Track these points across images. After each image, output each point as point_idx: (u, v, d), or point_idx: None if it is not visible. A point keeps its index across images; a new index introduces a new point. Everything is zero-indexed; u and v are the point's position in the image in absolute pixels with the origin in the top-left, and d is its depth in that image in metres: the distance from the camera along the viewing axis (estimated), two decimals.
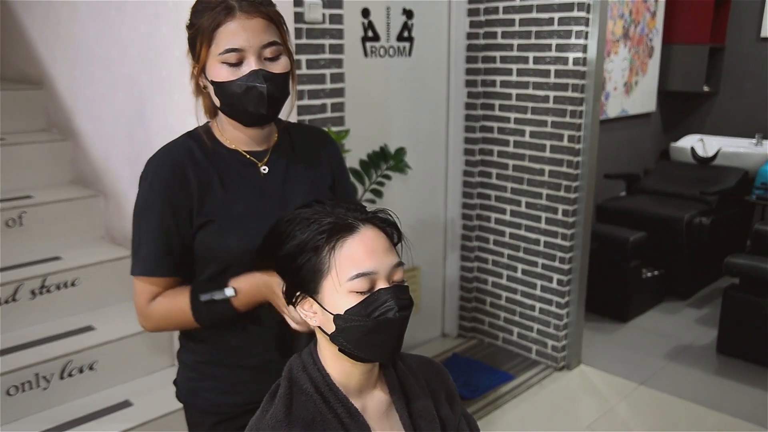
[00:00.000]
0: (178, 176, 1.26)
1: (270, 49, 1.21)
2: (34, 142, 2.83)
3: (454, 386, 1.16)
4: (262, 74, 1.20)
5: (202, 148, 1.31)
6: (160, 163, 1.28)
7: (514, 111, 3.24)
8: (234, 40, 1.18)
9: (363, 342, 0.97)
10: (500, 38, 3.23)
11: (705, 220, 4.10)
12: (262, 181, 1.32)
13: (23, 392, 2.11)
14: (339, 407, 1.00)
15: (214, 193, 1.28)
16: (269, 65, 1.22)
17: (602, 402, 3.04)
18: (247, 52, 1.19)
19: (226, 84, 1.21)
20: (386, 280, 0.98)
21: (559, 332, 3.27)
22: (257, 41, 1.20)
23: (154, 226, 1.26)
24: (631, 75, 4.44)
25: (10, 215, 2.49)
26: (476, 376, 3.18)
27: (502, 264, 3.44)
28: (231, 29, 1.18)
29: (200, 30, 1.20)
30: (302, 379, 1.02)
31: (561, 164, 3.10)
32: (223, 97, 1.24)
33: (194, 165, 1.28)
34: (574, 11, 2.94)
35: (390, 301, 0.96)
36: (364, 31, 2.93)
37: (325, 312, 0.98)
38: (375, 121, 3.06)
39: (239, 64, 1.20)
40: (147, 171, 1.29)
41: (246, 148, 1.33)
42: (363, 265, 0.97)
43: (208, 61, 1.22)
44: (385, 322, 0.96)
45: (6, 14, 3.19)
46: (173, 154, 1.29)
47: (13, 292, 2.28)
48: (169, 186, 1.25)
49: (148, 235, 1.27)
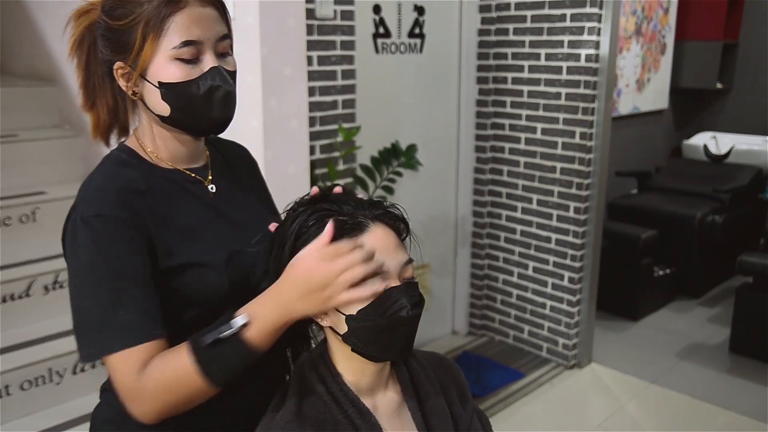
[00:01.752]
0: (130, 214, 1.00)
1: (223, 43, 1.05)
2: (46, 138, 2.84)
3: (466, 383, 1.15)
4: (225, 71, 1.03)
5: (139, 174, 1.06)
6: (101, 204, 0.99)
7: (525, 108, 3.23)
8: (191, 31, 1.00)
9: (376, 341, 0.96)
10: (512, 35, 3.21)
11: (718, 218, 4.07)
12: (215, 202, 1.12)
13: (36, 387, 2.13)
14: (350, 407, 0.99)
15: (172, 228, 1.04)
16: (224, 62, 1.05)
17: (613, 400, 3.03)
18: (204, 46, 1.02)
19: (181, 85, 1.01)
20: (397, 278, 0.97)
21: (570, 330, 3.25)
22: (213, 33, 1.02)
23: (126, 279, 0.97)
24: (643, 72, 4.41)
25: (23, 211, 2.50)
26: (486, 373, 3.17)
27: (513, 261, 3.43)
28: (185, 18, 0.99)
29: (141, 20, 0.99)
30: (312, 379, 1.01)
31: (573, 161, 3.09)
32: (176, 101, 1.02)
33: (138, 197, 1.02)
34: (586, 7, 2.92)
35: (402, 299, 0.95)
36: (376, 27, 2.93)
37: (336, 312, 0.96)
38: (386, 117, 3.05)
39: (195, 60, 1.01)
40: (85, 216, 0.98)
41: (185, 165, 1.11)
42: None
43: (153, 58, 1.00)
44: (398, 321, 0.95)
45: (19, 11, 3.20)
46: (111, 192, 1.01)
47: (26, 288, 2.30)
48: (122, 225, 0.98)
49: (120, 293, 0.96)
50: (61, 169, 2.83)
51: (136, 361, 0.95)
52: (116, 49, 1.03)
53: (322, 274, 0.91)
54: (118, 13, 1.01)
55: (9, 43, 3.42)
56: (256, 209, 1.19)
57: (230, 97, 1.04)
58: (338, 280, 0.91)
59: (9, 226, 2.48)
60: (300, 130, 2.11)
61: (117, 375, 0.96)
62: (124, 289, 0.96)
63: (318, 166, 2.52)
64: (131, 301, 0.96)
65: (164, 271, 1.02)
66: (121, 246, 0.98)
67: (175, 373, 0.94)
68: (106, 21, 1.02)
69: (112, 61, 1.04)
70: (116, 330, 0.95)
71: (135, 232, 0.99)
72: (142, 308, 0.97)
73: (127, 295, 0.96)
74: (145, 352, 0.95)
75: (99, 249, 0.97)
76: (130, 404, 0.96)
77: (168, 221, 1.04)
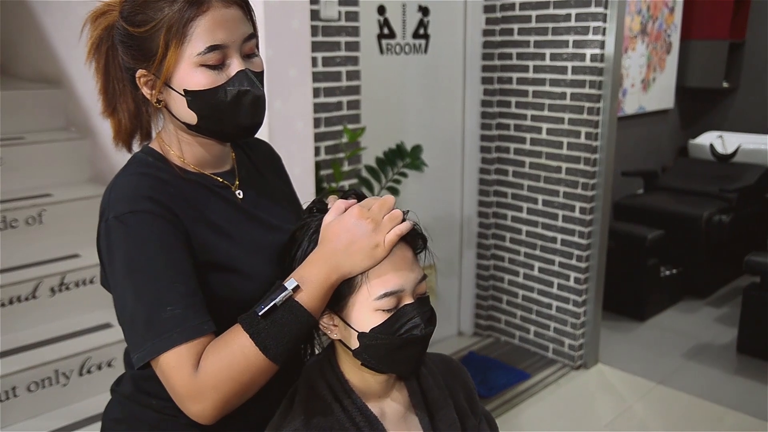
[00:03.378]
0: (161, 208, 0.96)
1: (249, 44, 0.99)
2: (53, 140, 2.85)
3: (474, 385, 1.14)
4: (252, 74, 0.99)
5: (168, 177, 1.03)
6: (132, 202, 0.96)
7: (530, 108, 3.22)
8: (215, 35, 0.94)
9: (387, 358, 0.95)
10: (517, 35, 3.21)
11: (724, 217, 4.05)
12: (244, 208, 1.09)
13: (43, 388, 2.13)
14: (357, 415, 0.98)
15: (206, 224, 1.02)
16: (250, 63, 1.00)
17: (620, 401, 3.01)
18: (230, 49, 0.97)
19: (208, 92, 0.96)
20: (411, 295, 0.96)
21: (576, 331, 3.24)
22: (238, 35, 0.97)
23: (168, 274, 0.93)
24: (648, 71, 4.40)
25: (29, 213, 2.51)
26: (492, 374, 3.16)
27: (519, 262, 3.42)
28: (209, 22, 0.94)
29: (163, 26, 0.93)
30: (320, 386, 1.00)
31: (578, 161, 3.08)
32: (203, 108, 0.98)
33: (169, 195, 0.99)
34: (591, 7, 2.91)
35: (416, 317, 0.94)
36: (380, 28, 2.93)
37: (348, 327, 0.95)
38: (391, 118, 3.05)
39: (221, 65, 0.97)
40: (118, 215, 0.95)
41: (212, 170, 1.08)
42: (391, 284, 0.94)
43: (177, 66, 0.96)
44: (411, 339, 0.94)
45: (26, 15, 3.22)
46: (142, 188, 0.98)
47: (33, 290, 2.30)
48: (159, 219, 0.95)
49: (162, 289, 0.92)
50: (67, 171, 2.84)
51: (189, 357, 0.89)
52: (138, 56, 0.98)
53: (366, 221, 0.93)
54: (138, 19, 0.96)
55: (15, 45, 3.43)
56: (285, 211, 1.17)
57: (259, 101, 1.00)
58: (383, 221, 0.93)
59: (15, 228, 2.49)
60: (305, 132, 2.11)
61: (173, 376, 0.90)
62: (167, 285, 0.92)
63: (323, 167, 2.52)
64: (176, 297, 0.91)
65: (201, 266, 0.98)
66: (158, 240, 0.94)
67: (233, 357, 0.89)
68: (125, 27, 0.98)
69: (133, 69, 1.00)
70: (164, 329, 0.90)
71: (170, 225, 0.96)
72: (189, 303, 0.92)
73: (170, 291, 0.91)
74: (199, 347, 0.91)
75: (135, 246, 0.93)
76: (190, 404, 0.90)
77: (202, 217, 1.02)
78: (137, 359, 0.92)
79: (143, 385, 1.08)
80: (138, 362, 0.91)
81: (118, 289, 0.94)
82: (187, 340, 0.90)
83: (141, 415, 1.05)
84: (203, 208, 1.03)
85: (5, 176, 2.65)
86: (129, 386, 1.11)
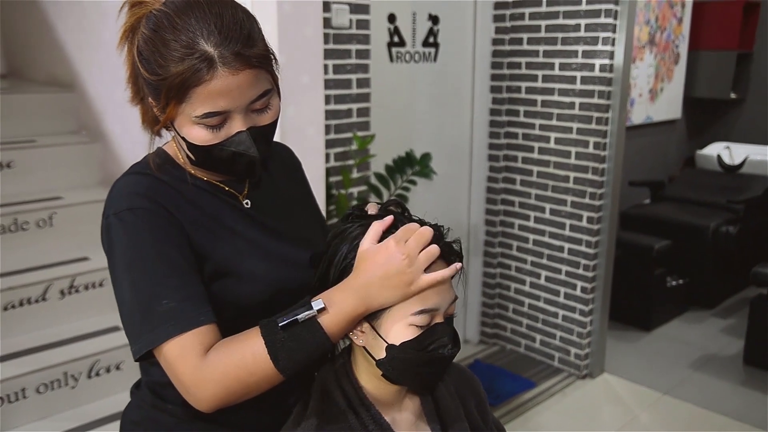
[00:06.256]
0: (159, 207, 0.98)
1: (260, 101, 0.96)
2: (64, 144, 2.88)
3: (485, 395, 1.15)
4: (252, 134, 0.96)
5: (172, 178, 1.03)
6: (131, 199, 0.98)
7: (539, 117, 3.23)
8: (216, 103, 0.92)
9: (409, 372, 0.96)
10: (526, 44, 3.22)
11: (731, 228, 4.05)
12: (251, 215, 1.08)
13: (52, 390, 2.14)
14: (371, 423, 0.99)
15: (203, 236, 1.01)
16: (258, 118, 0.98)
17: (625, 411, 3.01)
18: (232, 112, 0.94)
19: (204, 147, 0.96)
20: (443, 315, 0.97)
21: (583, 340, 3.24)
22: (245, 99, 0.94)
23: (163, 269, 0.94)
24: (656, 81, 4.40)
25: (40, 216, 2.53)
26: (498, 382, 3.16)
27: (526, 270, 3.42)
28: (211, 90, 0.90)
29: (165, 85, 0.91)
30: (335, 393, 1.01)
31: (586, 171, 3.08)
32: (200, 157, 0.99)
33: (169, 196, 1.00)
34: (601, 17, 2.92)
35: (445, 337, 0.95)
36: (390, 36, 2.95)
37: (377, 337, 0.96)
38: (400, 126, 3.07)
39: (221, 124, 0.95)
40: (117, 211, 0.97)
41: (220, 178, 1.07)
42: (430, 302, 0.94)
43: (177, 117, 0.95)
44: (437, 358, 0.95)
45: (39, 19, 3.24)
46: (140, 187, 1.00)
47: (43, 292, 2.32)
48: (156, 216, 0.97)
49: (158, 284, 0.93)
50: (78, 174, 2.86)
51: (194, 346, 0.90)
52: (147, 88, 0.97)
53: (401, 257, 0.90)
54: (148, 67, 0.94)
55: (28, 49, 3.46)
56: (297, 218, 1.16)
57: (254, 164, 0.98)
58: (419, 258, 0.91)
59: (26, 231, 2.50)
60: (316, 138, 2.12)
61: (178, 365, 0.91)
62: (162, 279, 0.93)
63: (332, 174, 2.53)
64: (171, 291, 0.93)
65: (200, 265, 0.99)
66: (155, 236, 0.95)
67: (243, 357, 0.90)
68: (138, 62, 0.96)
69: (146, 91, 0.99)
70: (160, 321, 0.91)
71: (166, 221, 0.97)
72: (184, 296, 0.93)
73: (165, 285, 0.93)
74: (202, 337, 0.91)
75: (133, 242, 0.95)
76: (192, 391, 0.91)
77: (203, 217, 1.02)
78: (135, 351, 0.93)
79: (160, 392, 1.09)
80: (135, 354, 0.93)
81: (117, 284, 0.96)
82: (183, 331, 0.90)
83: (158, 419, 1.06)
84: (207, 208, 1.04)
85: (16, 179, 2.67)
86: (146, 391, 1.12)
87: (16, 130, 2.85)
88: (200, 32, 0.90)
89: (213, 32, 0.90)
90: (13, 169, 2.67)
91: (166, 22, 0.92)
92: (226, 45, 0.90)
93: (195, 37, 0.90)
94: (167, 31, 0.91)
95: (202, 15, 0.91)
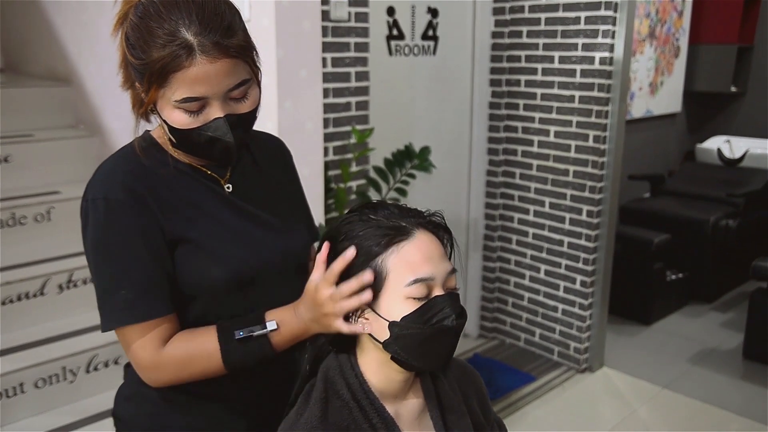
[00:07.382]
0: (135, 199, 1.03)
1: (238, 90, 1.01)
2: (62, 138, 2.87)
3: (486, 391, 1.14)
4: (229, 121, 1.01)
5: (155, 162, 1.08)
6: (108, 187, 1.03)
7: (538, 111, 3.22)
8: (194, 89, 0.97)
9: (418, 350, 0.95)
10: (525, 37, 3.20)
11: (731, 222, 4.04)
12: (230, 200, 1.13)
13: (50, 385, 2.14)
14: (374, 416, 0.98)
15: (178, 221, 1.06)
16: (236, 106, 1.02)
17: (625, 405, 3.01)
18: (210, 99, 0.99)
19: (183, 131, 1.01)
20: (441, 287, 0.96)
21: (582, 334, 3.24)
22: (222, 87, 0.99)
23: (126, 261, 1.02)
24: (656, 75, 4.39)
25: (38, 210, 2.52)
26: (497, 376, 3.16)
27: (525, 264, 3.42)
28: (190, 76, 0.96)
29: (148, 68, 0.97)
30: (339, 384, 1.00)
31: (586, 165, 3.07)
32: (180, 140, 1.04)
33: (149, 186, 1.05)
34: (600, 10, 2.91)
35: (447, 308, 0.94)
36: (389, 29, 2.93)
37: (379, 319, 0.95)
38: (399, 119, 3.05)
39: (200, 110, 1.00)
40: (94, 197, 1.03)
41: (202, 162, 1.11)
42: (421, 271, 0.94)
43: (158, 101, 1.01)
44: (442, 330, 0.94)
45: (36, 13, 3.23)
46: (119, 174, 1.05)
47: (41, 287, 2.31)
48: (127, 209, 1.02)
49: (120, 275, 1.02)
50: (75, 168, 2.85)
51: (151, 337, 1.03)
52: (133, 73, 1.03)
53: (322, 300, 1.00)
54: (133, 52, 0.99)
55: (25, 43, 3.45)
56: (280, 207, 1.19)
57: (230, 150, 1.04)
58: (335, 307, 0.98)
59: (24, 225, 2.50)
60: (315, 132, 2.11)
61: (133, 348, 1.04)
62: (124, 271, 1.02)
63: (331, 167, 2.52)
64: (131, 283, 1.02)
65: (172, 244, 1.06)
66: (123, 230, 1.02)
67: (199, 353, 1.04)
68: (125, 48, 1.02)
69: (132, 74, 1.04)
70: (116, 309, 1.03)
71: (139, 216, 1.03)
72: (142, 289, 1.02)
73: (126, 277, 1.02)
74: (159, 328, 1.04)
75: (102, 231, 1.02)
76: (146, 373, 1.06)
77: (182, 199, 1.08)
78: (102, 326, 1.06)
79: None
80: (103, 329, 1.06)
81: (88, 263, 1.06)
82: (136, 322, 1.02)
83: (146, 394, 1.14)
84: (185, 192, 1.09)
85: (14, 173, 2.66)
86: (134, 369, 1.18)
87: (14, 124, 2.84)
88: (182, 21, 0.96)
89: (194, 21, 0.96)
90: (10, 163, 2.67)
91: (152, 11, 0.97)
92: (206, 34, 0.96)
93: (177, 26, 0.96)
94: (153, 19, 0.97)
95: (185, 5, 0.97)
